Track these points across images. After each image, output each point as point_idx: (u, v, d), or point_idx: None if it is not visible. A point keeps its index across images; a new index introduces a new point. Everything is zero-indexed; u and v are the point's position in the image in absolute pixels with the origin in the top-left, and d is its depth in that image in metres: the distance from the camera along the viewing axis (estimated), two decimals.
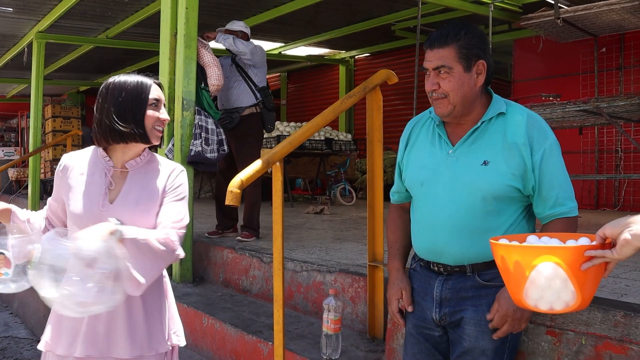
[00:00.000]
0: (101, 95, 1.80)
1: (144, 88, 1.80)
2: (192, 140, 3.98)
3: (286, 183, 8.04)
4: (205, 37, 4.58)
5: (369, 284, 2.80)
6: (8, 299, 6.07)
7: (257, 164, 2.32)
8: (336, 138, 8.15)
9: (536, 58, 7.72)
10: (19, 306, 5.65)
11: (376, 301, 2.79)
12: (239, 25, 4.80)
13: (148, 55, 9.60)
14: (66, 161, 1.85)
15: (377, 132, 2.76)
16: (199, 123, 4.01)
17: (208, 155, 3.98)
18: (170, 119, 4.10)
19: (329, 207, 7.10)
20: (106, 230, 1.57)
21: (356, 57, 11.21)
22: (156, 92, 1.82)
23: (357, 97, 2.61)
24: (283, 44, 9.77)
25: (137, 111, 1.77)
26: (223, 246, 4.18)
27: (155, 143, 1.83)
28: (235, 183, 2.23)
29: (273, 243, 2.42)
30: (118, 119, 1.75)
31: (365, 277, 2.91)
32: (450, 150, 1.80)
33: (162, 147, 4.15)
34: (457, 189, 1.75)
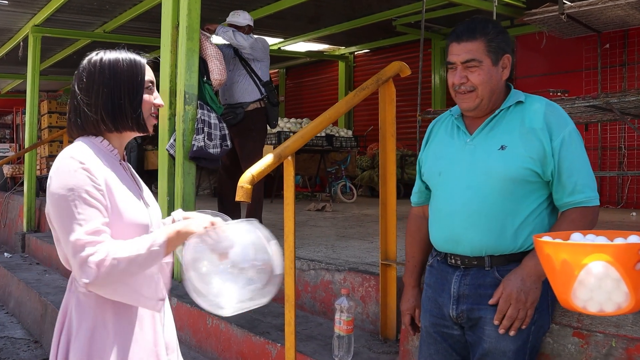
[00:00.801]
0: (88, 73, 1.53)
1: (140, 67, 1.56)
2: (195, 135, 3.87)
3: None
4: (205, 30, 4.45)
5: (381, 283, 2.71)
6: (4, 298, 5.95)
7: (269, 159, 2.22)
8: (337, 134, 8.04)
9: (539, 54, 7.64)
10: (15, 305, 5.54)
11: (388, 301, 2.70)
12: (246, 18, 4.67)
13: (146, 49, 9.41)
14: (91, 166, 1.45)
15: (390, 126, 2.67)
16: (202, 117, 3.89)
17: (211, 150, 3.86)
18: (172, 112, 4.04)
19: (331, 205, 7.01)
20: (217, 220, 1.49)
21: (355, 53, 11.11)
22: (150, 74, 1.59)
23: (370, 90, 2.53)
24: (282, 40, 9.66)
25: (134, 96, 1.53)
26: None
27: (151, 132, 1.61)
28: (246, 178, 2.13)
29: (284, 241, 2.33)
30: (111, 105, 1.51)
31: (376, 276, 2.83)
32: (468, 139, 1.80)
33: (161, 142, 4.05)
34: (475, 175, 1.74)
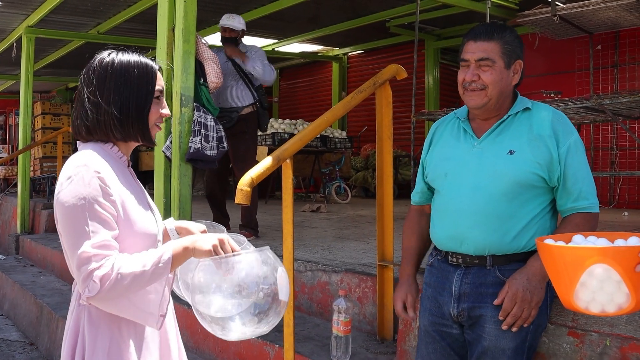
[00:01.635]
0: (98, 76, 1.44)
1: (152, 76, 1.48)
2: (191, 137, 3.88)
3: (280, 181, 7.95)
4: (230, 55, 4.57)
5: (379, 284, 2.74)
6: None
7: (268, 161, 2.24)
8: (331, 135, 8.07)
9: (532, 55, 7.67)
10: (10, 307, 5.51)
11: (385, 302, 2.73)
12: (240, 22, 4.69)
13: (137, 48, 9.46)
14: (105, 175, 1.39)
15: (387, 129, 2.69)
16: (198, 119, 3.90)
17: (208, 152, 3.87)
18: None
19: (326, 205, 7.03)
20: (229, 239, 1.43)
21: (349, 54, 11.13)
22: (161, 82, 1.51)
23: (367, 93, 2.55)
24: (277, 41, 9.67)
25: (142, 106, 1.45)
26: None
27: (155, 143, 1.56)
28: (245, 181, 2.14)
29: (283, 242, 2.35)
30: (119, 114, 1.42)
31: (372, 277, 2.85)
32: (475, 142, 1.82)
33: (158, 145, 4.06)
34: (483, 177, 1.77)
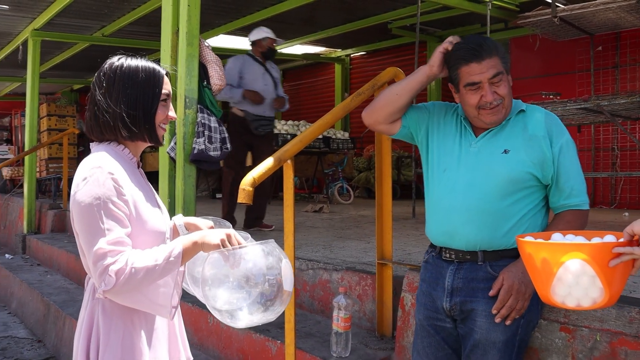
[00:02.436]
0: (108, 79, 1.52)
1: (158, 79, 1.55)
2: (195, 138, 3.96)
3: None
4: (278, 108, 5.27)
5: (378, 282, 2.80)
6: (6, 299, 6.02)
7: (269, 162, 2.32)
8: (334, 136, 8.14)
9: (532, 56, 7.74)
10: (18, 306, 5.60)
11: (385, 299, 2.80)
12: (263, 32, 5.24)
13: (145, 53, 9.55)
14: (119, 176, 1.46)
15: None
16: (202, 121, 3.99)
17: (211, 153, 3.95)
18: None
19: (328, 206, 7.10)
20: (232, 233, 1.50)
21: (352, 56, 11.20)
22: (168, 86, 1.59)
23: (367, 95, 2.61)
24: (280, 42, 9.72)
25: (149, 108, 1.53)
26: None
27: (162, 143, 1.64)
28: (247, 181, 2.22)
29: (284, 241, 2.42)
30: (127, 115, 1.50)
31: (372, 275, 2.92)
32: (473, 141, 1.89)
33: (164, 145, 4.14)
34: (477, 174, 1.84)
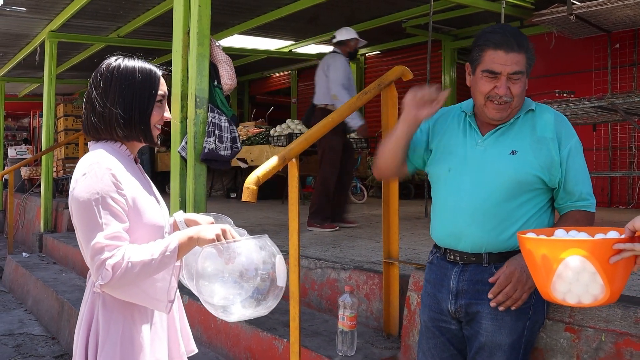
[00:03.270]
0: (105, 79, 1.58)
1: (155, 80, 1.61)
2: (206, 137, 3.99)
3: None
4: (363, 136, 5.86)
5: (384, 281, 2.80)
6: (22, 296, 6.11)
7: (274, 161, 2.32)
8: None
9: (548, 55, 7.65)
10: (33, 303, 5.69)
11: (391, 298, 2.79)
12: (351, 32, 5.57)
13: (159, 53, 9.62)
14: (117, 172, 1.51)
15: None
16: (212, 120, 4.01)
17: (222, 152, 3.97)
18: (183, 116, 4.17)
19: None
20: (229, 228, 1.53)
21: (366, 55, 11.17)
22: (163, 87, 1.63)
23: (372, 94, 2.60)
24: (294, 42, 9.75)
25: (144, 109, 1.58)
26: None
27: (157, 144, 1.68)
28: (251, 179, 2.22)
29: (289, 240, 2.42)
30: (123, 115, 1.55)
31: (379, 274, 2.91)
32: (479, 140, 1.84)
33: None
34: (484, 175, 1.80)
